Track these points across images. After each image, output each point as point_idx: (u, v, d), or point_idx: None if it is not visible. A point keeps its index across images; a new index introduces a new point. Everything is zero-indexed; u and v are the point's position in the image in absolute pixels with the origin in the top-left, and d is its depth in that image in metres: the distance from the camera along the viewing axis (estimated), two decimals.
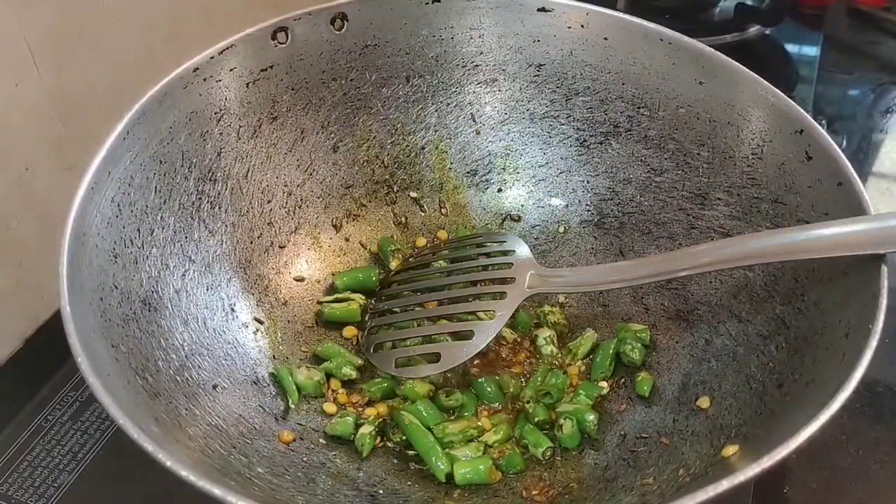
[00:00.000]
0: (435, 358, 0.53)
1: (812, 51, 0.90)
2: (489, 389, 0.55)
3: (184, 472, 0.34)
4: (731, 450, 0.44)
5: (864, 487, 0.53)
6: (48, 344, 0.60)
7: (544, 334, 0.57)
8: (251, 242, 0.58)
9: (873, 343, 0.39)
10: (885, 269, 0.42)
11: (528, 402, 0.54)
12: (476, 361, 0.56)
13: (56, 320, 0.45)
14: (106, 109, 0.49)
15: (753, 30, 0.88)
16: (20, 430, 0.56)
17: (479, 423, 0.53)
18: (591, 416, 0.51)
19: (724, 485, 0.34)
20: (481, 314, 0.56)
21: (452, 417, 0.53)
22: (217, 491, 0.34)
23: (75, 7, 0.58)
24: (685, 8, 0.91)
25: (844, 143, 0.80)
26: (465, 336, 0.54)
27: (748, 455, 0.41)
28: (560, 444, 0.52)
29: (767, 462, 0.35)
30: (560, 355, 0.57)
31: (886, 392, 0.58)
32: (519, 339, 0.58)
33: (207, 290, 0.53)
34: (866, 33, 0.93)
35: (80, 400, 0.58)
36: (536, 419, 0.52)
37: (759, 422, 0.45)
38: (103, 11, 0.60)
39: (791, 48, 0.91)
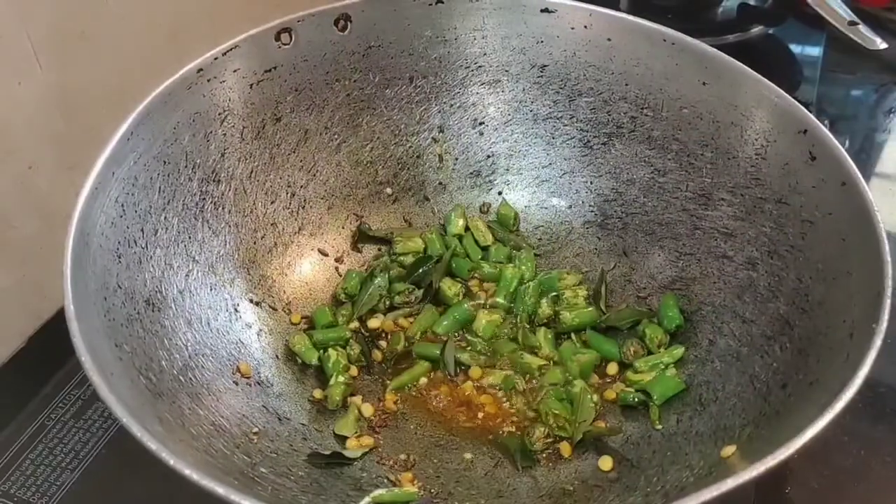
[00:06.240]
0: None
1: (815, 51, 0.90)
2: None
3: (187, 472, 0.34)
4: (729, 450, 0.44)
5: (865, 488, 0.53)
6: (50, 342, 0.60)
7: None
8: (255, 243, 0.58)
9: (877, 343, 0.39)
10: (889, 270, 0.42)
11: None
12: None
13: (58, 319, 0.45)
14: (109, 108, 0.49)
15: (756, 30, 0.88)
16: (22, 428, 0.56)
17: None
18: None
19: (728, 485, 0.34)
20: None
21: None
22: (220, 490, 0.34)
23: (78, 6, 0.58)
24: (688, 8, 0.90)
25: (847, 143, 0.79)
26: None
27: (752, 455, 0.41)
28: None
29: (771, 462, 0.35)
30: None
31: (888, 392, 0.58)
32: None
33: (211, 290, 0.53)
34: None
35: (83, 398, 0.58)
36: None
37: (762, 422, 0.45)
38: (106, 10, 0.60)
39: (794, 48, 0.91)
